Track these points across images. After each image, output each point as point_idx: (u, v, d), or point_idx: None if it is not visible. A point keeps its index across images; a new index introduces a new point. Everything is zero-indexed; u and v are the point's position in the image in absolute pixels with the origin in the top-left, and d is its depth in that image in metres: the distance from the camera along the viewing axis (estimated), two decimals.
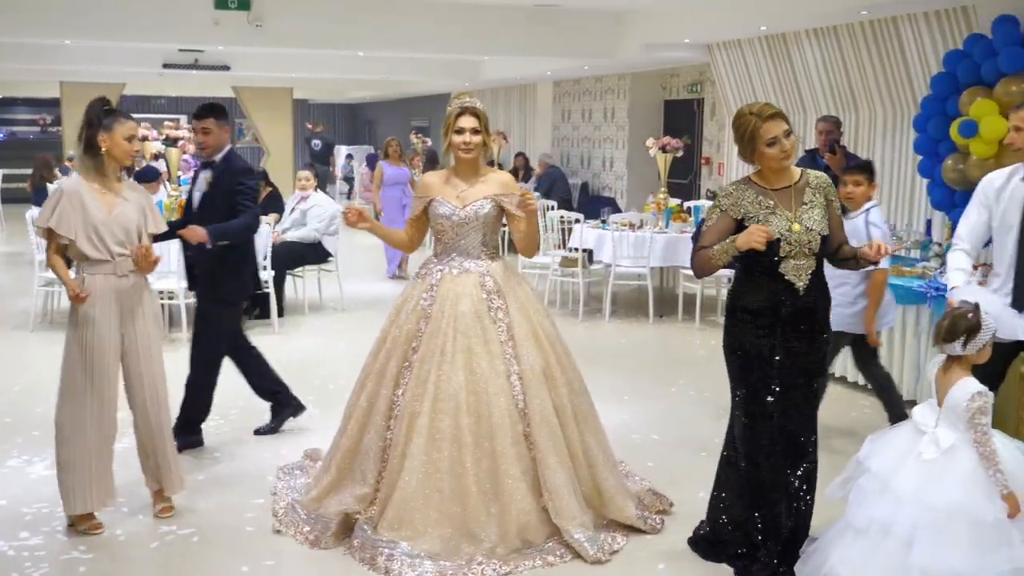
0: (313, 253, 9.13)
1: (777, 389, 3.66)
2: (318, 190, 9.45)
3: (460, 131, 4.14)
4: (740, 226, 3.61)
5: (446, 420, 3.93)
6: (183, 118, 24.76)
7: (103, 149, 4.13)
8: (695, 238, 3.88)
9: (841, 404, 6.22)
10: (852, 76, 8.89)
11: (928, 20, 7.76)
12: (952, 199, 6.79)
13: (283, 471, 4.85)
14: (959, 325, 3.34)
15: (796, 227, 3.59)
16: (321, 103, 28.70)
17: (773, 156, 3.59)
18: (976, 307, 3.36)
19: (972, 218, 4.14)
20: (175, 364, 4.90)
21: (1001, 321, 3.42)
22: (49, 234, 4.15)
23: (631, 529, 4.18)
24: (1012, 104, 6.10)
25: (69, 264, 4.23)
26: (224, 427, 5.74)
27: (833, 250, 3.74)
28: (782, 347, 3.64)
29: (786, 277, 3.62)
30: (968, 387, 3.28)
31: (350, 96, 24.74)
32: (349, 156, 23.53)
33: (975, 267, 4.57)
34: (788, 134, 3.59)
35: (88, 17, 9.57)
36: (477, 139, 4.15)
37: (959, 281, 3.98)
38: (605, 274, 9.11)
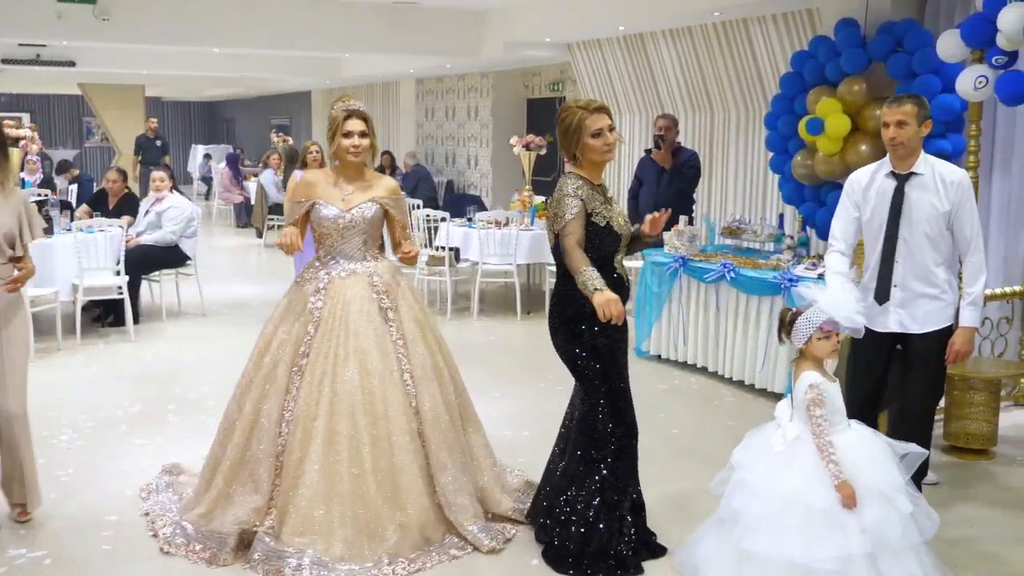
0: (170, 256, 8.79)
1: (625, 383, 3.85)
2: (174, 191, 9.10)
3: (348, 134, 4.10)
4: (589, 221, 3.70)
5: (343, 422, 3.89)
6: (26, 116, 23.58)
7: None
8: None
9: (699, 396, 6.42)
10: (707, 76, 9.18)
11: (776, 22, 8.09)
12: (801, 193, 7.09)
13: (146, 490, 4.63)
14: (781, 318, 3.55)
15: (621, 220, 3.82)
16: (177, 101, 27.71)
17: (597, 147, 3.73)
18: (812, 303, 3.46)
19: (843, 217, 4.25)
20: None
21: (851, 320, 3.54)
22: None
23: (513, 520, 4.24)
24: (854, 103, 6.46)
25: None
26: (77, 441, 5.45)
27: None
28: (623, 340, 3.83)
29: (617, 271, 3.79)
30: (804, 380, 3.40)
31: (207, 94, 23.97)
32: (207, 156, 22.78)
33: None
34: (611, 129, 3.76)
35: None
36: (365, 142, 4.13)
37: (838, 285, 4.09)
38: (472, 272, 9.12)
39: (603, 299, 3.45)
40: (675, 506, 4.41)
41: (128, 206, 8.92)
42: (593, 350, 3.74)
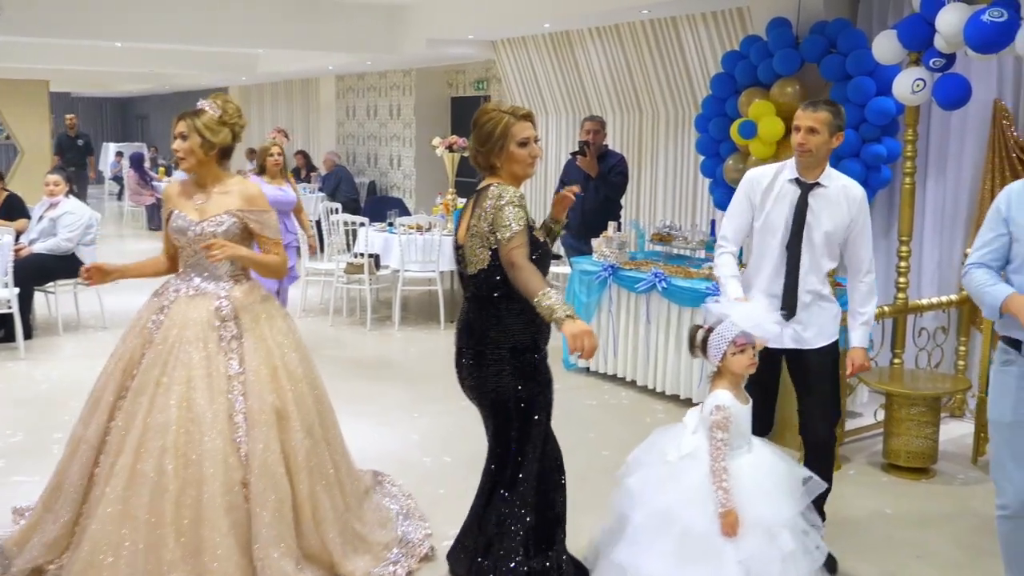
0: (66, 266, 8.16)
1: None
2: (70, 195, 8.50)
3: (174, 138, 3.73)
4: (529, 233, 3.25)
5: (149, 461, 3.41)
6: None
7: None
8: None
9: (631, 411, 6.13)
10: (635, 76, 8.91)
11: (706, 21, 7.85)
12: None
13: (16, 512, 4.23)
14: (691, 336, 3.35)
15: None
16: (88, 97, 26.63)
17: (523, 158, 3.31)
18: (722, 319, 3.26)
19: (737, 218, 3.95)
20: None
21: (764, 329, 3.29)
22: None
23: None
24: (788, 105, 6.23)
25: None
26: None
27: None
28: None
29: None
30: (712, 399, 3.23)
31: (119, 89, 23.02)
32: (119, 154, 21.88)
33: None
34: (536, 140, 3.37)
35: None
36: (186, 145, 3.69)
37: (738, 291, 3.83)
38: (393, 280, 8.71)
39: (577, 329, 2.90)
40: None
41: (16, 211, 8.29)
42: (540, 386, 3.36)
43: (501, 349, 3.29)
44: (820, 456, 3.86)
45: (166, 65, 14.39)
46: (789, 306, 3.83)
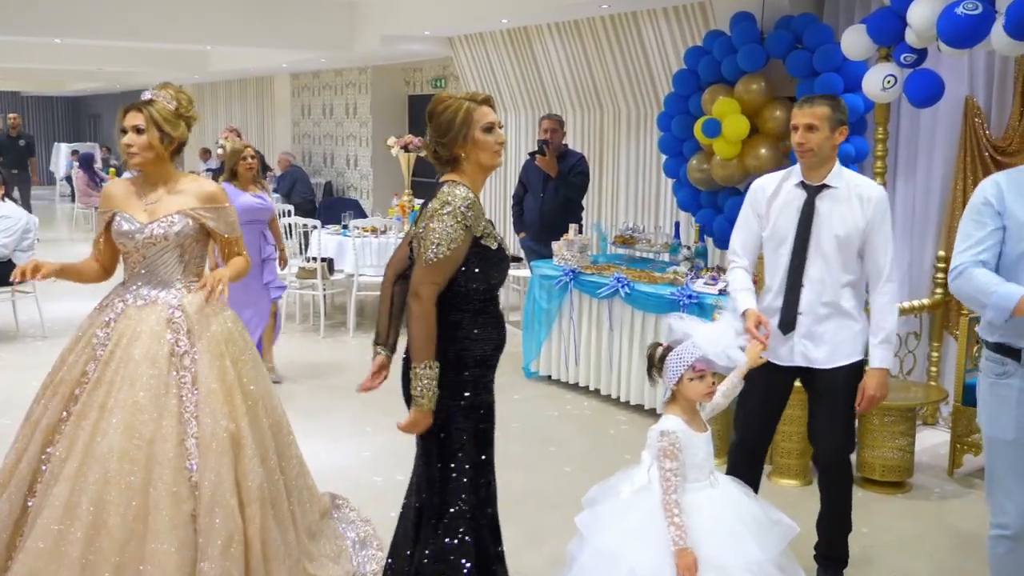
0: (2, 272, 7.77)
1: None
2: (6, 199, 8.10)
3: (123, 131, 3.36)
4: (478, 245, 2.95)
5: (88, 491, 3.06)
6: None
7: None
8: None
9: (594, 423, 5.89)
10: (596, 73, 8.68)
11: (668, 16, 7.62)
12: (698, 200, 6.64)
13: None
14: (650, 355, 3.03)
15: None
16: (38, 95, 25.95)
17: (489, 144, 2.98)
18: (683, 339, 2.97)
19: (745, 229, 3.69)
20: None
21: (728, 356, 2.99)
22: None
23: None
24: (753, 102, 6.02)
25: None
26: None
27: None
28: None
29: (499, 310, 3.10)
30: (659, 425, 2.91)
31: (71, 88, 22.41)
32: (75, 152, 21.26)
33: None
34: (500, 126, 3.05)
35: None
36: (141, 140, 3.34)
37: (751, 303, 3.53)
38: (348, 284, 8.40)
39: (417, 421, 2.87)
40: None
41: None
42: (472, 408, 3.05)
43: (447, 358, 2.98)
44: (830, 484, 3.61)
45: (116, 63, 13.93)
46: (786, 321, 3.53)
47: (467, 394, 3.01)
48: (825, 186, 3.52)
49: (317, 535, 3.78)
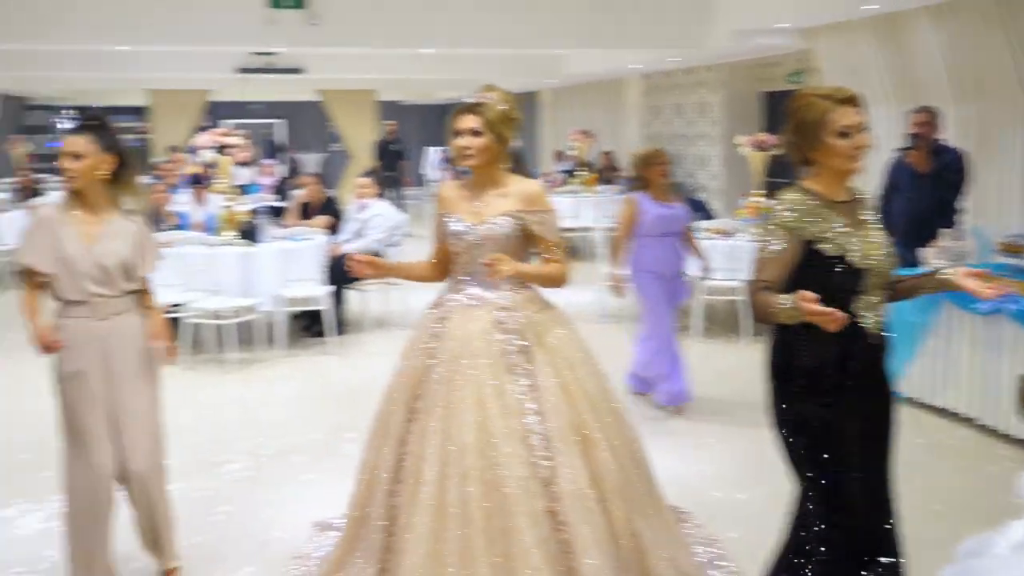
0: None
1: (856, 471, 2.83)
2: (380, 198, 8.83)
3: (458, 133, 3.41)
4: (809, 250, 2.76)
5: (453, 491, 3.15)
6: (283, 123, 24.82)
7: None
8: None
9: (969, 457, 5.19)
10: (979, 59, 7.72)
11: None
12: None
13: (318, 526, 4.18)
14: (1021, 387, 2.49)
15: (875, 251, 2.82)
16: (413, 104, 28.32)
17: (842, 151, 2.76)
18: None
19: None
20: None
21: None
22: (27, 270, 3.54)
23: None
24: None
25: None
26: (246, 472, 5.08)
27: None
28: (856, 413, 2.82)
29: (863, 319, 2.79)
30: None
31: (441, 96, 24.21)
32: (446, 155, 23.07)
33: None
34: (863, 128, 2.77)
35: (138, 21, 9.16)
36: (478, 142, 3.38)
37: None
38: (697, 288, 8.15)
39: (816, 316, 2.53)
40: None
41: (328, 212, 8.69)
42: (802, 423, 2.81)
43: (774, 363, 2.91)
44: None
45: (473, 71, 14.77)
46: None
47: (791, 406, 2.81)
48: None
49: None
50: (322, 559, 3.81)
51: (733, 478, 4.84)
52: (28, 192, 11.65)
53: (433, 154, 23.92)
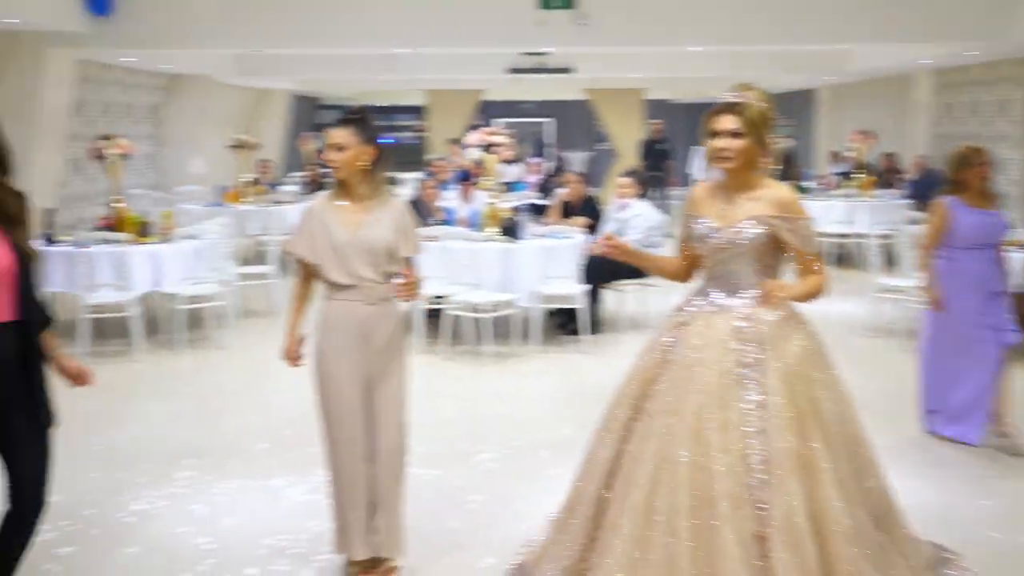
0: (631, 266, 8.36)
1: None
2: (643, 198, 8.73)
3: (715, 134, 3.24)
4: None
5: (663, 499, 3.05)
6: (551, 122, 25.37)
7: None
8: None
9: None
10: None
11: None
12: None
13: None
14: None
15: None
16: (681, 103, 27.96)
17: None
18: None
19: None
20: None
21: None
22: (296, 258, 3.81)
23: None
24: None
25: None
26: (495, 463, 5.16)
27: None
28: None
29: None
30: None
31: (711, 95, 23.73)
32: None
33: None
34: None
35: (416, 26, 9.63)
36: (737, 144, 3.20)
37: None
38: None
39: None
40: None
41: (588, 211, 8.70)
42: None
43: None
44: None
45: (746, 68, 14.27)
46: None
47: None
48: None
49: None
50: (530, 542, 3.82)
51: (1017, 518, 4.31)
52: (315, 185, 12.57)
53: (700, 154, 23.52)
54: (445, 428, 5.68)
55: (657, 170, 15.46)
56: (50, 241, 7.63)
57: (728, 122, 3.22)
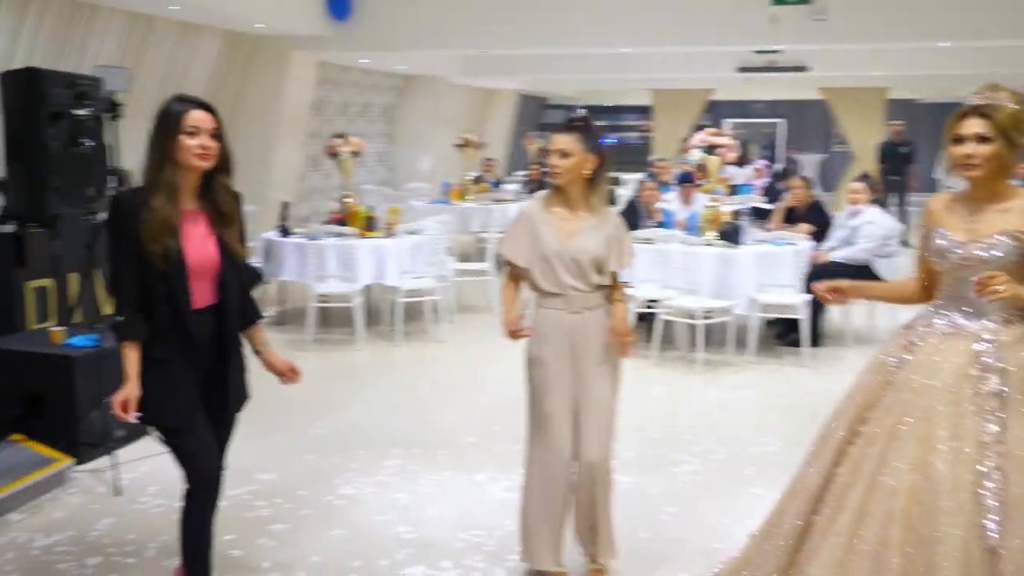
0: (860, 277, 7.82)
1: None
2: (880, 204, 8.19)
3: (959, 139, 2.92)
4: None
5: (871, 528, 2.81)
6: (782, 123, 24.45)
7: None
8: None
9: None
10: None
11: None
12: None
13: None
14: None
15: None
16: (931, 103, 26.14)
17: None
18: None
19: None
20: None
21: None
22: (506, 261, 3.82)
23: None
24: None
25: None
26: (698, 475, 4.97)
27: None
28: None
29: None
30: None
31: (959, 94, 22.02)
32: None
33: None
34: None
35: (642, 24, 9.50)
36: (985, 150, 2.87)
37: None
38: None
39: None
40: None
41: (815, 217, 8.25)
42: None
43: None
44: None
45: (1003, 64, 13.09)
46: None
47: None
48: None
49: None
50: (724, 562, 3.62)
51: None
52: (535, 184, 12.71)
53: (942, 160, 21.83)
54: (646, 434, 5.54)
55: (897, 174, 14.45)
56: (285, 233, 8.13)
57: (974, 126, 2.91)
